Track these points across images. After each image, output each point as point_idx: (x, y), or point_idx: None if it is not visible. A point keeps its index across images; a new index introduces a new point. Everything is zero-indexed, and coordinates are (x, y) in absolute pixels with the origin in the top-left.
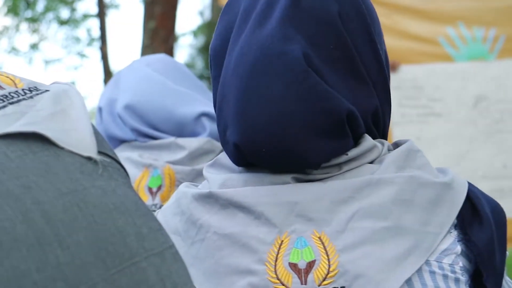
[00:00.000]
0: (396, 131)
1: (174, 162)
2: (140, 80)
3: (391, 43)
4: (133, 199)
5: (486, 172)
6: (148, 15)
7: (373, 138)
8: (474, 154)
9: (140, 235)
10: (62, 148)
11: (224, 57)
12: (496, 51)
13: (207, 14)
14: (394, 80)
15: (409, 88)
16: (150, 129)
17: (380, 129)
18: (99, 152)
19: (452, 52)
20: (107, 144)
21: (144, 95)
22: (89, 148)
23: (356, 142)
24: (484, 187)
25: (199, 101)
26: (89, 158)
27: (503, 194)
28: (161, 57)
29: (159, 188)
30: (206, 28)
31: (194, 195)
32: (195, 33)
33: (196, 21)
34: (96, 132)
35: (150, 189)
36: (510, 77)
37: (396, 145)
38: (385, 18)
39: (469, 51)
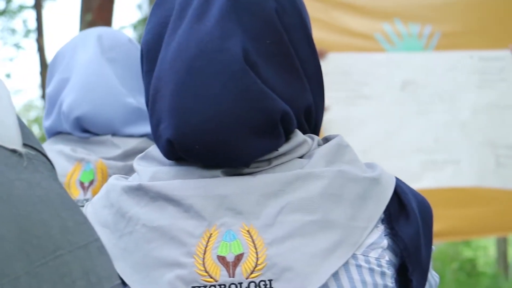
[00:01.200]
0: (326, 113)
1: (107, 158)
2: (90, 80)
3: (328, 38)
4: (59, 192)
5: (418, 145)
6: (85, 7)
7: (304, 133)
8: (404, 131)
9: (65, 228)
10: None
11: (158, 52)
12: (431, 47)
13: (145, 8)
14: (322, 67)
15: (337, 74)
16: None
17: (311, 124)
18: (25, 145)
19: (388, 48)
20: (34, 137)
21: (92, 105)
22: (14, 141)
23: (287, 137)
24: (417, 159)
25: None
26: (13, 151)
27: (436, 166)
28: (120, 40)
29: (91, 182)
30: (145, 21)
31: (123, 188)
32: (135, 27)
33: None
34: (22, 125)
35: (82, 184)
36: (438, 66)
37: (326, 140)
38: (322, 13)
39: (404, 47)
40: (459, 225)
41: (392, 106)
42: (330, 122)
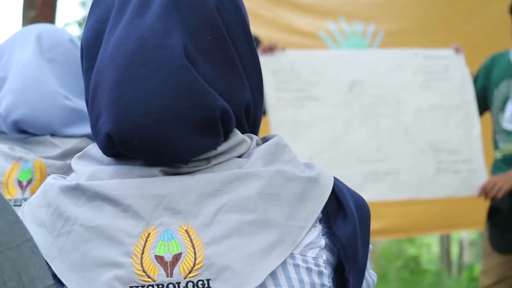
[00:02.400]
0: (272, 114)
1: (46, 157)
2: (27, 83)
3: (273, 36)
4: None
5: (361, 155)
6: (28, 4)
7: (243, 132)
8: (349, 137)
9: None
10: None
11: (98, 48)
12: (375, 46)
13: (89, 5)
14: (271, 64)
15: (286, 72)
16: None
17: (250, 123)
18: None
19: (332, 46)
20: None
21: (29, 108)
22: None
23: (226, 136)
24: (359, 169)
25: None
26: None
27: (377, 177)
28: (60, 39)
29: (29, 181)
30: None
31: (61, 187)
32: (80, 24)
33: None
34: None
35: (20, 183)
36: (384, 64)
37: (265, 139)
38: (267, 11)
39: (349, 45)
40: (403, 223)
41: (338, 110)
42: (278, 124)
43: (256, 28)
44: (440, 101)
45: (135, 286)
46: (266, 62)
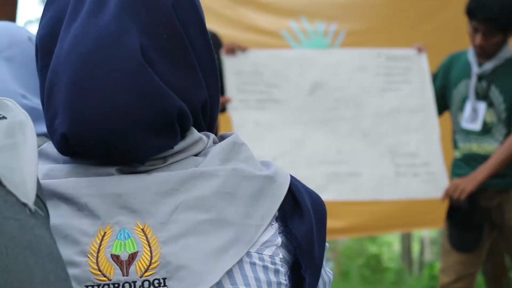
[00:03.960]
0: (235, 116)
1: None
2: None
3: (235, 35)
4: (48, 243)
5: (322, 157)
6: None
7: (200, 130)
8: (310, 140)
9: (46, 280)
10: (3, 185)
11: (53, 46)
12: (337, 46)
13: None
14: (234, 65)
15: (248, 73)
16: None
17: (207, 121)
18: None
19: (294, 45)
20: (39, 183)
21: None
22: (27, 195)
23: (183, 135)
24: (321, 171)
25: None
26: (24, 204)
27: (339, 178)
28: (19, 38)
29: None
30: None
31: None
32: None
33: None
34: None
35: None
36: (347, 65)
37: (222, 138)
38: (229, 10)
39: (310, 44)
40: (365, 221)
41: (299, 113)
42: (240, 125)
43: (218, 27)
44: (400, 104)
45: (90, 286)
46: (228, 63)
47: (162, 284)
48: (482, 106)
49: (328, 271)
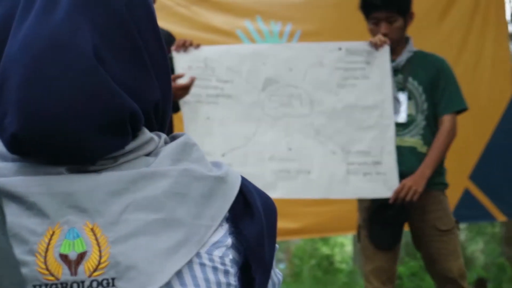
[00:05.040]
0: (186, 110)
1: None
2: None
3: (190, 34)
4: (3, 247)
5: (273, 153)
6: None
7: (152, 130)
8: (261, 136)
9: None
10: None
11: (3, 44)
12: None
13: None
14: (185, 61)
15: (200, 69)
16: None
17: (158, 121)
18: None
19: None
20: None
21: None
22: None
23: (134, 135)
24: (271, 167)
25: None
26: None
27: (289, 175)
28: None
29: None
30: None
31: None
32: None
33: None
34: None
35: None
36: (302, 60)
37: (173, 138)
38: (184, 9)
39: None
40: (317, 223)
41: (251, 108)
42: (191, 120)
43: (172, 26)
44: (356, 101)
45: (38, 285)
46: (179, 59)
47: (111, 284)
48: (403, 97)
49: (277, 272)
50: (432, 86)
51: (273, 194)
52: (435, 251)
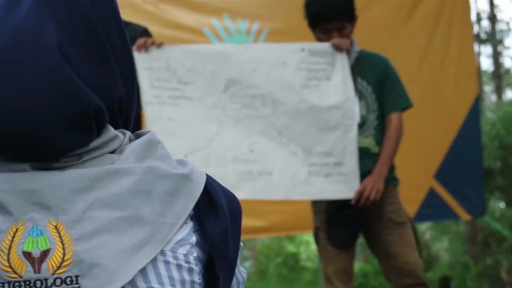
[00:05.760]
0: (148, 110)
1: None
2: None
3: (158, 32)
4: None
5: (235, 155)
6: None
7: (116, 127)
8: (223, 137)
9: None
10: None
11: None
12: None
13: None
14: (146, 61)
15: (161, 70)
16: None
17: (123, 118)
18: None
19: (216, 43)
20: None
21: None
22: None
23: (99, 132)
24: (234, 168)
25: None
26: None
27: (251, 177)
28: None
29: None
30: None
31: None
32: None
33: None
34: None
35: None
36: (265, 61)
37: (138, 135)
38: (152, 6)
39: (233, 42)
40: (283, 220)
41: (213, 110)
42: (153, 120)
43: (140, 23)
44: (318, 102)
45: (1, 283)
46: (140, 59)
47: (74, 282)
48: (355, 99)
49: (242, 270)
50: (379, 85)
51: (236, 195)
52: (393, 244)
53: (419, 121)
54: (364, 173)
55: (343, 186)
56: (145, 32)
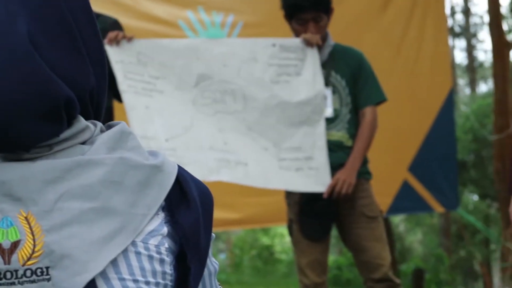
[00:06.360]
0: (126, 98)
1: None
2: None
3: (133, 25)
4: None
5: (211, 145)
6: None
7: (88, 118)
8: (198, 129)
9: None
10: None
11: None
12: (234, 37)
13: None
14: (117, 54)
15: (133, 64)
16: None
17: (94, 109)
18: None
19: (191, 36)
20: None
21: None
22: None
23: (69, 123)
24: (212, 156)
25: None
26: None
27: (229, 164)
28: None
29: None
30: None
31: None
32: None
33: None
34: None
35: None
36: (236, 56)
37: (109, 126)
38: None
39: (208, 35)
40: (257, 213)
41: (184, 105)
42: (132, 107)
43: (114, 16)
44: (289, 98)
45: None
46: (112, 53)
47: (45, 273)
48: (328, 92)
49: (214, 261)
50: (353, 79)
51: (217, 178)
52: (364, 238)
53: (393, 114)
54: (337, 166)
55: (315, 180)
56: (115, 24)
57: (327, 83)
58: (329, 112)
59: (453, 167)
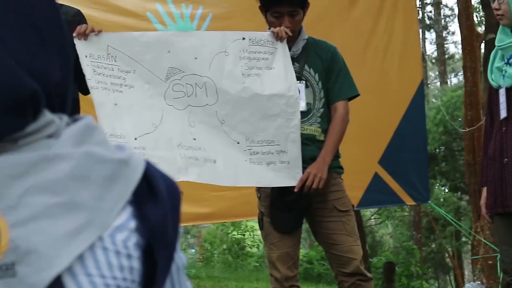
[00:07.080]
0: (94, 94)
1: None
2: None
3: (101, 17)
4: None
5: (180, 141)
6: None
7: (53, 111)
8: (167, 125)
9: None
10: None
11: None
12: (203, 29)
13: None
14: (86, 48)
15: (102, 58)
16: None
17: (59, 102)
18: None
19: (161, 29)
20: None
21: None
22: None
23: (34, 116)
24: (181, 154)
25: None
26: None
27: (197, 162)
28: None
29: None
30: None
31: None
32: None
33: None
34: None
35: None
36: (205, 49)
37: (75, 120)
38: None
39: (177, 28)
40: (228, 207)
41: (155, 99)
42: (100, 104)
43: (83, 8)
44: (261, 90)
45: None
46: (80, 46)
47: (10, 269)
48: (302, 86)
49: (181, 256)
50: (326, 73)
51: (185, 178)
52: (336, 231)
53: (364, 106)
54: (309, 159)
55: (286, 174)
56: (78, 14)
57: (301, 77)
58: (302, 106)
59: (423, 159)
